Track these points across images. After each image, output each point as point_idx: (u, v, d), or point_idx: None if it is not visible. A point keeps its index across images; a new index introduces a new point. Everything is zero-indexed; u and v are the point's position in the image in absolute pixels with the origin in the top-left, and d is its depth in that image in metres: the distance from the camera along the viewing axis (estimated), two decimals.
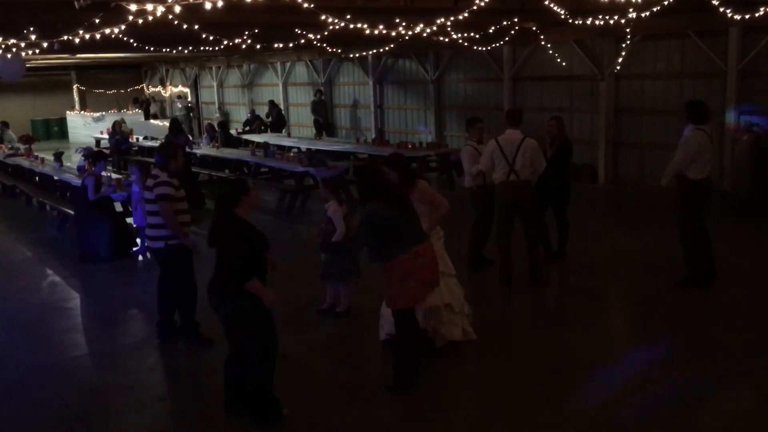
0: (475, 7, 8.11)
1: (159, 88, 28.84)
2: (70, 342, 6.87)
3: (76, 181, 11.63)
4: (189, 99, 27.17)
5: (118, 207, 10.26)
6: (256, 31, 10.55)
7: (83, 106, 28.86)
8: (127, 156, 17.17)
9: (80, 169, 12.14)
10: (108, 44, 10.76)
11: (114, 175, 11.17)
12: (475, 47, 14.62)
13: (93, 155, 10.21)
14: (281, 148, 16.23)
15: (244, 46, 10.98)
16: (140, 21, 7.03)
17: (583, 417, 4.92)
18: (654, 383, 5.37)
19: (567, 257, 8.55)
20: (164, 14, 7.15)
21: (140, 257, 9.79)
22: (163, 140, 13.02)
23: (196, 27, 8.50)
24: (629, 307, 7.47)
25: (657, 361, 5.81)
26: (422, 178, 6.14)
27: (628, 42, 12.97)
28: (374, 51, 15.82)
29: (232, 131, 19.95)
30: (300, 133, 21.66)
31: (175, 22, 8.25)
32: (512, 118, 7.71)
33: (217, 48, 10.96)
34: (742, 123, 11.97)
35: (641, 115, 13.45)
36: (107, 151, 14.62)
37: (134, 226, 9.77)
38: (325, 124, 20.29)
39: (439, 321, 5.84)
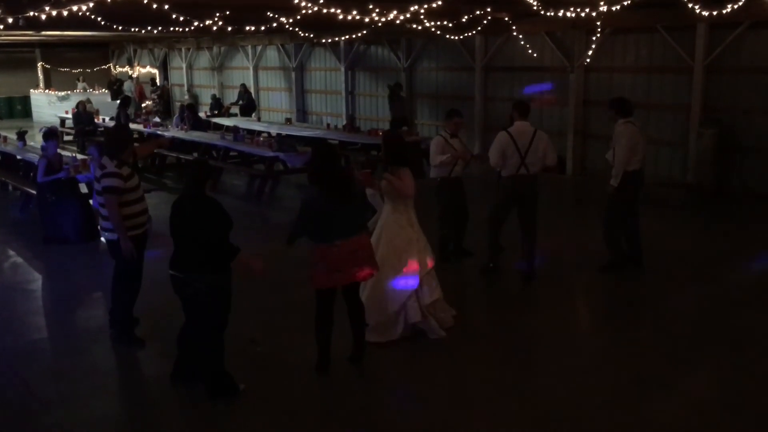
0: None
1: (126, 68, 28.31)
2: (32, 325, 6.76)
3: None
4: (156, 82, 26.71)
5: (84, 189, 10.08)
6: (228, 13, 10.40)
7: (48, 85, 28.22)
8: (92, 137, 16.86)
9: (44, 148, 11.91)
10: (75, 22, 10.51)
11: (79, 156, 10.97)
12: (447, 36, 14.63)
13: (45, 134, 9.96)
14: (251, 132, 16.10)
15: (215, 28, 10.81)
16: None
17: (545, 404, 5.01)
18: (617, 370, 5.51)
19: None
20: None
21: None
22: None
23: (166, 7, 8.36)
24: (594, 296, 7.61)
25: (620, 349, 5.96)
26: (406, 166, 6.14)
27: (599, 35, 13.10)
28: (346, 37, 15.74)
29: (201, 114, 19.67)
30: (270, 118, 21.50)
31: (144, 1, 8.12)
32: (521, 109, 7.50)
33: (187, 29, 10.77)
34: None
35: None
36: (71, 131, 14.35)
37: (95, 208, 9.59)
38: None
39: (442, 310, 6.25)
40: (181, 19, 9.02)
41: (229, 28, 10.76)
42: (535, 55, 14.43)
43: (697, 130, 12.19)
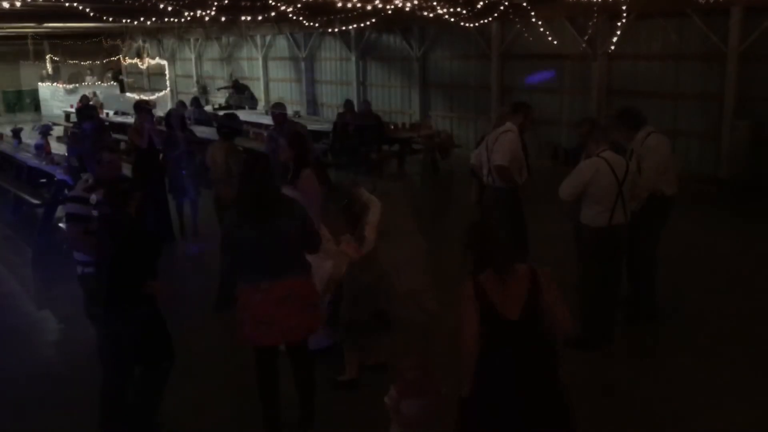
0: None
1: (136, 60, 27.78)
2: None
3: (34, 163, 10.93)
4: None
5: None
6: (226, 1, 9.73)
7: (56, 78, 27.79)
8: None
9: (37, 147, 11.39)
10: (65, 12, 9.92)
11: None
12: (462, 23, 13.85)
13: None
14: (258, 126, 15.46)
15: (207, 18, 10.16)
16: None
17: None
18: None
19: None
20: None
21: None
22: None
23: None
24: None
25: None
26: (319, 167, 5.42)
27: (624, 20, 12.25)
28: (356, 25, 15.02)
29: (208, 107, 19.08)
30: None
31: None
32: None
33: (181, 20, 10.15)
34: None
35: (634, 97, 12.72)
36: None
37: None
38: None
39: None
40: (169, 8, 8.39)
41: (223, 18, 10.09)
42: (555, 42, 13.60)
43: (731, 121, 11.34)
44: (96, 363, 5.47)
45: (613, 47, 12.77)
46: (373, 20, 13.30)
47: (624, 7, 11.85)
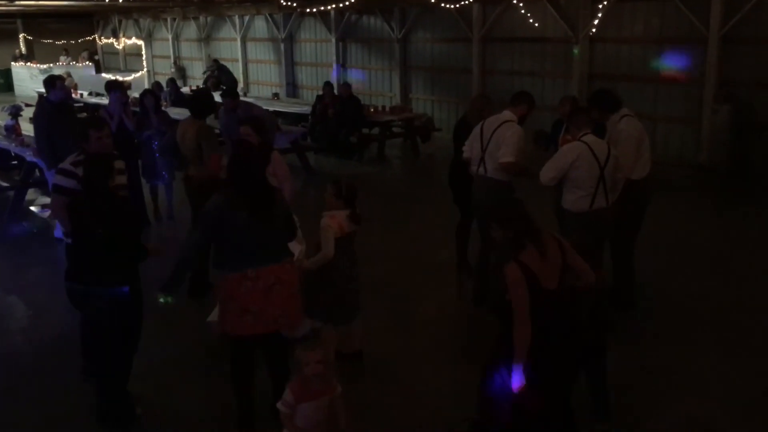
0: None
1: (112, 40, 27.23)
2: None
3: (4, 144, 10.62)
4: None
5: None
6: None
7: (30, 57, 27.16)
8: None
9: (8, 128, 11.08)
10: None
11: None
12: (443, 5, 13.66)
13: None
14: None
15: None
16: None
17: None
18: None
19: None
20: None
21: None
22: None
23: None
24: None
25: None
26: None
27: (605, 3, 12.14)
28: (336, 6, 14.78)
29: (185, 89, 18.73)
30: (259, 92, 20.54)
31: None
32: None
33: None
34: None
35: (616, 81, 12.67)
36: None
37: None
38: None
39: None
40: None
41: None
42: (536, 24, 13.47)
43: (712, 105, 11.30)
44: (65, 352, 5.36)
45: (594, 30, 12.68)
46: (353, 1, 13.06)
47: None
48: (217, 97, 14.40)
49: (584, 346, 4.08)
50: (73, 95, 17.22)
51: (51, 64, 24.54)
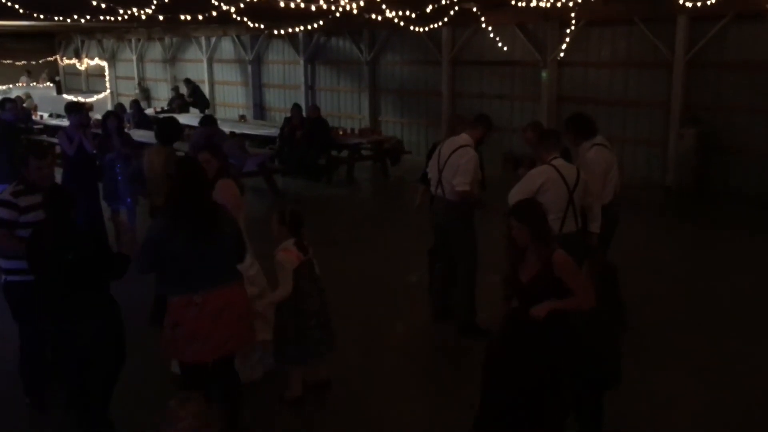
0: None
1: (74, 60, 26.72)
2: None
3: None
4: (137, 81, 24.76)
5: None
6: (166, 0, 9.25)
7: None
8: (29, 135, 15.53)
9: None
10: None
11: None
12: (412, 27, 13.66)
13: None
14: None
15: (143, 17, 9.63)
16: None
17: None
18: None
19: None
20: None
21: None
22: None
23: None
24: None
25: None
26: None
27: (573, 27, 12.26)
28: (304, 28, 14.67)
29: (150, 110, 18.40)
30: (225, 114, 20.28)
31: None
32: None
33: (117, 18, 9.60)
34: None
35: (584, 104, 12.75)
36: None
37: None
38: None
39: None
40: (103, 6, 7.87)
41: (161, 17, 9.60)
42: (505, 48, 13.54)
43: (678, 129, 11.44)
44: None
45: (562, 54, 12.78)
46: (321, 23, 12.97)
47: (573, 15, 11.86)
48: (184, 119, 14.23)
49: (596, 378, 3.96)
50: (33, 117, 16.83)
51: (11, 85, 23.96)
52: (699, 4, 10.01)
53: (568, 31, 12.36)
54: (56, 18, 9.56)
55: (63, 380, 4.58)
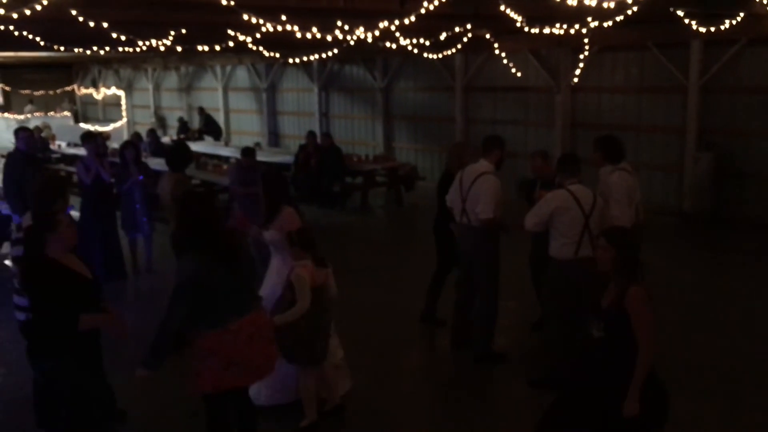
0: (423, 11, 7.17)
1: (91, 90, 27.15)
2: None
3: None
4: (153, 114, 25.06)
5: None
6: (183, 31, 9.41)
7: (8, 108, 26.94)
8: (48, 165, 15.71)
9: None
10: (14, 41, 9.48)
11: None
12: (425, 54, 13.77)
13: None
14: (218, 158, 15.12)
15: (162, 48, 9.81)
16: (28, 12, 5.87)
17: None
18: None
19: None
20: (62, 6, 6.05)
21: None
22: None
23: (105, 25, 7.36)
24: None
25: None
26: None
27: (586, 53, 12.30)
28: (318, 56, 14.83)
29: (166, 138, 18.60)
30: (240, 142, 20.45)
31: (80, 19, 7.11)
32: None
33: (136, 50, 9.79)
34: None
35: (598, 129, 12.72)
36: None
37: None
38: None
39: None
40: (122, 38, 8.02)
41: (180, 48, 9.76)
42: (518, 74, 13.59)
43: (693, 154, 11.38)
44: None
45: (576, 80, 12.80)
46: (335, 51, 13.12)
47: (586, 41, 11.90)
48: (196, 146, 14.39)
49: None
50: (51, 146, 17.05)
51: (28, 115, 24.35)
52: (713, 29, 10.02)
53: (581, 56, 12.40)
54: (76, 50, 9.75)
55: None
